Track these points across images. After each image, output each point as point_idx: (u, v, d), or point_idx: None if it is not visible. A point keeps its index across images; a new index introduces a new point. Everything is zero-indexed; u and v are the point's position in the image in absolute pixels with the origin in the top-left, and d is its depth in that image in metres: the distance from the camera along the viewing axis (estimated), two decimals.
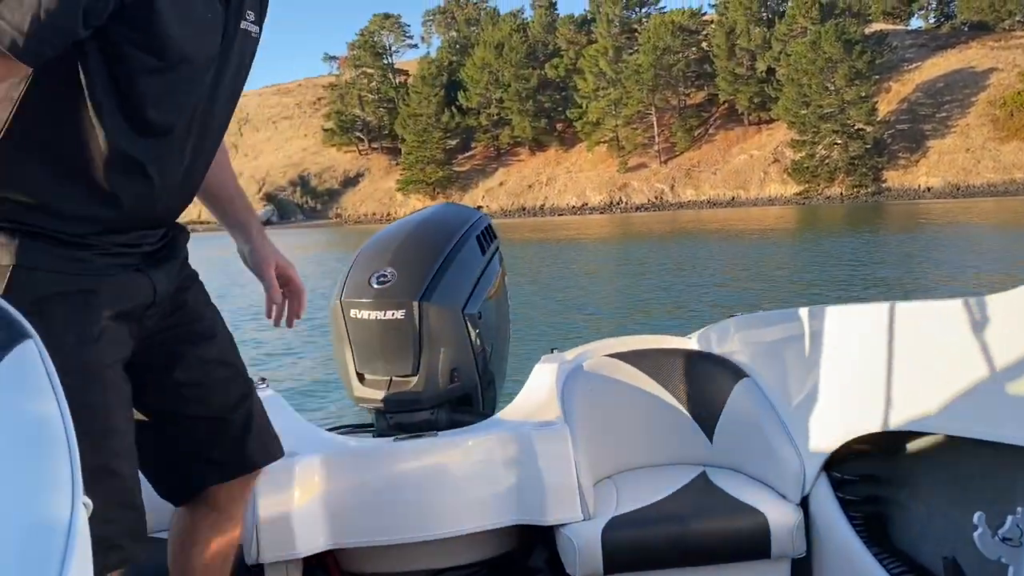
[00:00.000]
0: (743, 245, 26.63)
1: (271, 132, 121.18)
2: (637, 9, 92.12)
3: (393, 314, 2.44)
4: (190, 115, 1.44)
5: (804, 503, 2.21)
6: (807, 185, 73.19)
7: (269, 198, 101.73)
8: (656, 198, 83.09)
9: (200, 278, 1.69)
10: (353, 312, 2.48)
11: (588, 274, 19.10)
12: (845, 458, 2.17)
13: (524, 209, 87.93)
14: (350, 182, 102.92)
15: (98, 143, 1.34)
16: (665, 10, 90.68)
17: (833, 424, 2.18)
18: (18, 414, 0.93)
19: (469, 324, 2.52)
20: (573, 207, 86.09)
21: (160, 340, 1.57)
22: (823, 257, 20.22)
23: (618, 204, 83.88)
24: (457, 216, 2.76)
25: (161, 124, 1.40)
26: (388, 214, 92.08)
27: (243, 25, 1.50)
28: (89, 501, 0.91)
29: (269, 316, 1.84)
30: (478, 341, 2.55)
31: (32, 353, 0.98)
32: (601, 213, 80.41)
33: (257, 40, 1.58)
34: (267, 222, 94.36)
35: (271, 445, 1.74)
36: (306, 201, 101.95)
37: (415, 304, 2.43)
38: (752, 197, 77.09)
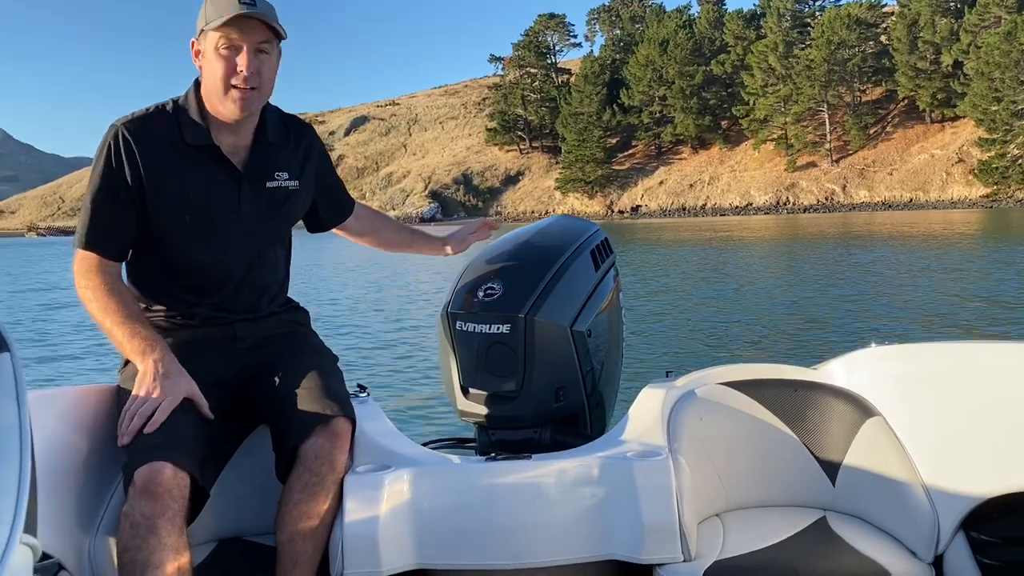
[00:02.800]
0: (919, 251, 24.82)
1: (438, 132, 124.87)
2: (810, 2, 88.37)
3: (498, 328, 2.36)
4: (233, 250, 2.18)
5: (937, 564, 1.98)
6: (996, 187, 67.86)
7: (434, 196, 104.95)
8: (826, 199, 79.40)
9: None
10: (459, 324, 2.43)
11: (730, 284, 18.13)
12: (987, 516, 1.92)
13: (684, 208, 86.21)
14: (511, 180, 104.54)
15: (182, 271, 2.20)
16: (841, 3, 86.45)
17: (975, 477, 1.94)
18: None
19: (577, 341, 2.41)
20: (736, 207, 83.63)
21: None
22: (1013, 269, 18.40)
23: (785, 204, 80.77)
24: (571, 229, 2.65)
25: (210, 258, 2.17)
26: (546, 212, 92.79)
27: (271, 184, 2.19)
28: (36, 542, 0.88)
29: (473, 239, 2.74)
30: (586, 359, 2.43)
31: (6, 365, 1.00)
32: (766, 214, 77.59)
33: (297, 190, 2.26)
34: (431, 219, 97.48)
35: (345, 406, 2.09)
36: (468, 199, 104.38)
37: (521, 319, 2.35)
38: (932, 199, 72.29)
